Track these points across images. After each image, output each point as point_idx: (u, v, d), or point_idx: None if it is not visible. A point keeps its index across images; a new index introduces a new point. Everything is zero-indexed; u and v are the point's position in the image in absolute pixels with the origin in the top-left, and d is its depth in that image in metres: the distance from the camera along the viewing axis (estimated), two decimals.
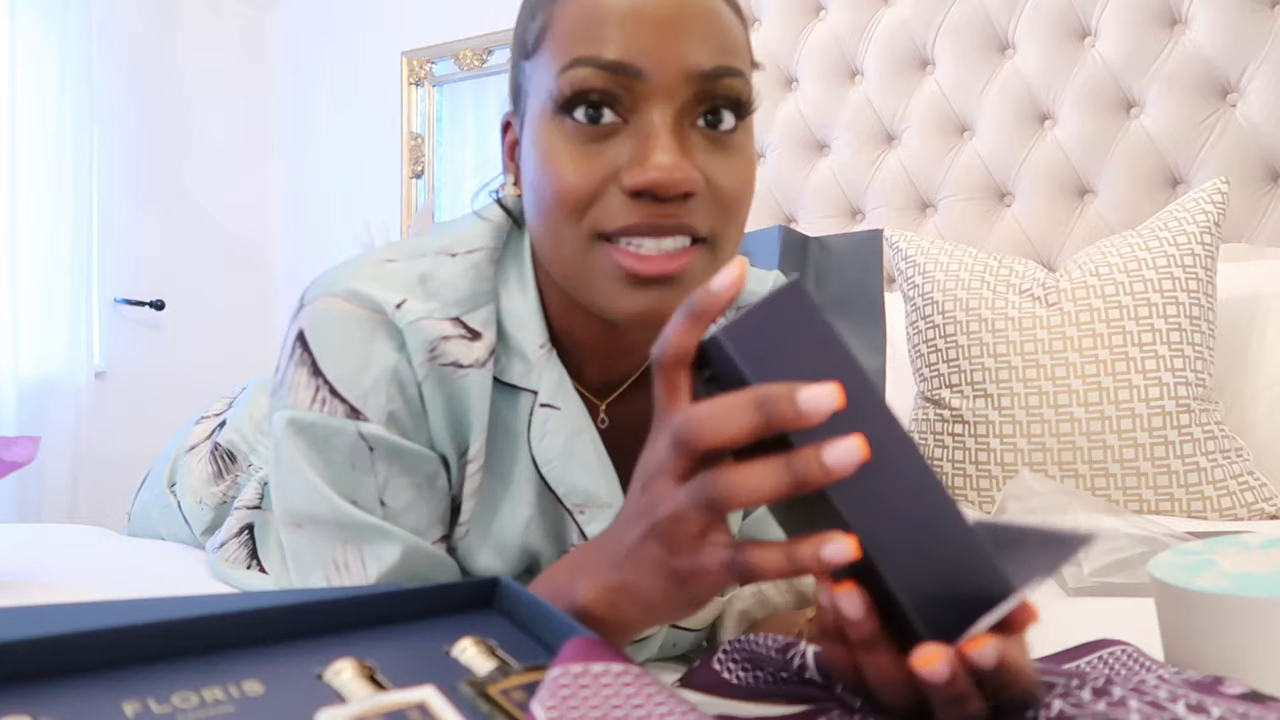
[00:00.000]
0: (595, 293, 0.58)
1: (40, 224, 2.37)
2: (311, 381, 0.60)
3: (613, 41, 0.55)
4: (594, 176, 0.56)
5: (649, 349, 0.69)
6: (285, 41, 3.07)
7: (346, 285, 0.62)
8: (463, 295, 0.62)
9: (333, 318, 0.61)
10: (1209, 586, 0.48)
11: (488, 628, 0.39)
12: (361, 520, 0.60)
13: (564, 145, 0.57)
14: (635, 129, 0.56)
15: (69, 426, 2.40)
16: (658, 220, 0.55)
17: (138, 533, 1.14)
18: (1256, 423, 1.39)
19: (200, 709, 0.33)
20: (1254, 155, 1.62)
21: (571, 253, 0.58)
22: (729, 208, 0.58)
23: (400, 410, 0.61)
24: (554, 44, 0.57)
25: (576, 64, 0.55)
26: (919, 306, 1.54)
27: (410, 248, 0.65)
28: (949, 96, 1.88)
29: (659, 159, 0.54)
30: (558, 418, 0.64)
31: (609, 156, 0.56)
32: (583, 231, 0.57)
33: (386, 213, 2.83)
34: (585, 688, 0.33)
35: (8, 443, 0.87)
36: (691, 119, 0.57)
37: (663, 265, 0.56)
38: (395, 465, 0.61)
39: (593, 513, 0.65)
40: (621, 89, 0.55)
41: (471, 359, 0.61)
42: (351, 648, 0.36)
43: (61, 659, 0.34)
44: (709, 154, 0.57)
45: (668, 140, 0.55)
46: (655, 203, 0.55)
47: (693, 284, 0.58)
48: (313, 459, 0.60)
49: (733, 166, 0.58)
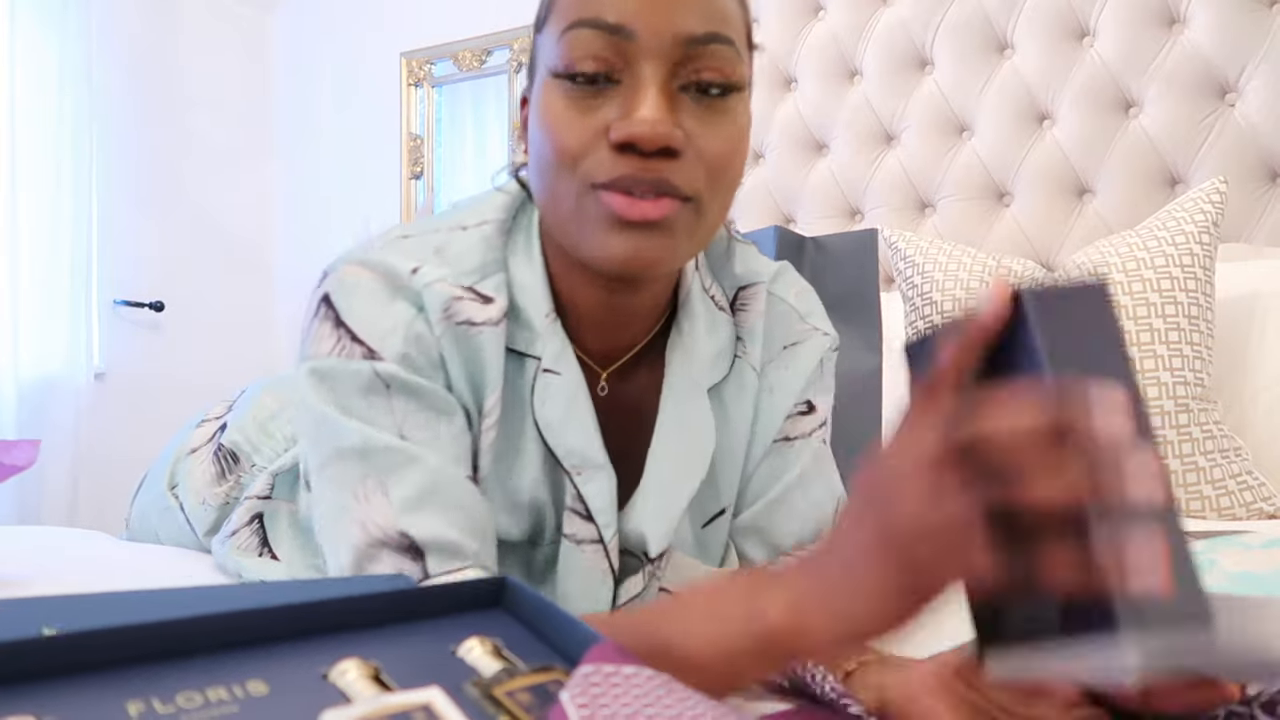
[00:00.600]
0: (586, 241, 0.61)
1: (40, 224, 2.37)
2: (334, 332, 0.64)
3: (609, 6, 0.59)
4: (586, 131, 0.60)
5: (649, 321, 0.71)
6: (285, 41, 3.07)
7: (367, 255, 0.66)
8: (474, 265, 0.67)
9: (356, 280, 0.65)
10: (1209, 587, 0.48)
11: (494, 628, 0.39)
12: (385, 442, 0.61)
13: (562, 104, 0.60)
14: (626, 88, 0.60)
15: (69, 428, 2.40)
16: (639, 174, 0.58)
17: (136, 537, 1.14)
18: (1255, 422, 1.39)
19: (204, 709, 0.33)
20: (1253, 155, 1.62)
21: (566, 203, 0.61)
22: (714, 171, 0.61)
23: (415, 355, 0.64)
24: (557, 13, 0.61)
25: (574, 26, 0.59)
26: (918, 306, 1.54)
27: (424, 224, 0.70)
28: (948, 96, 1.89)
29: (642, 114, 0.58)
30: (558, 383, 0.67)
31: (601, 114, 0.60)
32: (576, 182, 0.60)
33: (386, 213, 2.83)
34: (616, 686, 0.33)
35: (8, 446, 0.87)
36: (682, 83, 0.60)
37: (645, 210, 0.58)
38: (411, 402, 0.63)
39: (588, 474, 0.68)
40: (614, 51, 0.59)
41: (484, 318, 0.65)
42: (357, 648, 0.36)
43: (65, 658, 0.34)
44: (697, 118, 0.60)
45: (654, 97, 0.58)
46: (639, 157, 0.58)
47: (675, 238, 0.61)
48: (332, 400, 0.62)
49: (720, 131, 0.61)
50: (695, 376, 0.72)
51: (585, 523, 0.68)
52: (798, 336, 0.78)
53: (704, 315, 0.74)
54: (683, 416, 0.72)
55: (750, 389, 0.76)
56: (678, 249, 0.62)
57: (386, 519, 0.59)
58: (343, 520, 0.61)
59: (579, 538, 0.69)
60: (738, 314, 0.76)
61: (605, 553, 0.69)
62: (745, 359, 0.75)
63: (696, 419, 0.72)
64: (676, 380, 0.72)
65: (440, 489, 0.61)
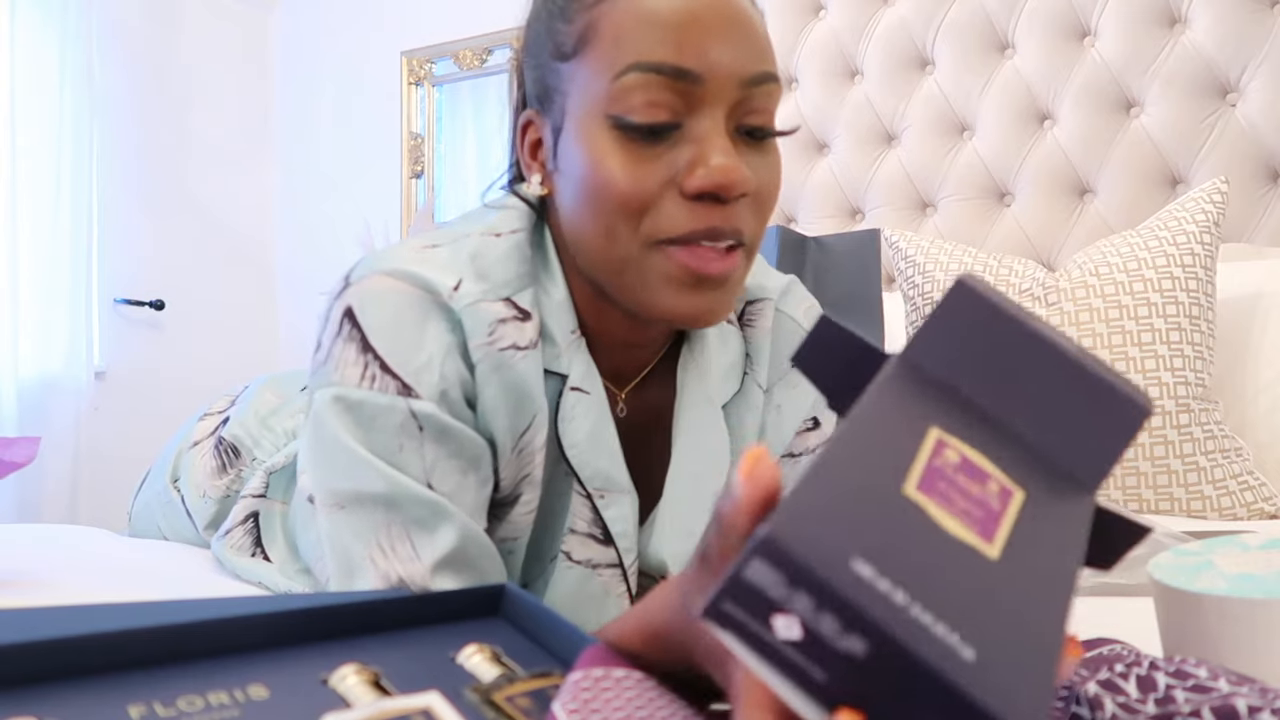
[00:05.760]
0: (648, 295, 0.59)
1: (40, 223, 2.37)
2: (360, 358, 0.59)
3: (672, 48, 0.56)
4: (651, 181, 0.57)
5: (662, 340, 0.71)
6: (285, 41, 3.07)
7: (397, 266, 0.61)
8: (510, 275, 0.63)
9: (385, 295, 0.60)
10: (1209, 588, 0.48)
11: (493, 635, 0.39)
12: (417, 494, 0.57)
13: (619, 150, 0.57)
14: (689, 133, 0.57)
15: (69, 426, 2.40)
16: (718, 225, 0.57)
17: (139, 532, 1.14)
18: (1256, 423, 1.39)
19: (205, 713, 0.33)
20: (1254, 155, 1.62)
21: (626, 256, 0.59)
22: (764, 212, 0.61)
23: (453, 391, 0.60)
24: (602, 48, 0.58)
25: (634, 69, 0.56)
26: (919, 306, 1.54)
27: (449, 233, 0.65)
28: (949, 96, 1.88)
29: (719, 160, 0.56)
30: (586, 402, 0.65)
31: (666, 161, 0.57)
32: (640, 237, 0.58)
33: (386, 213, 2.83)
34: (607, 690, 0.33)
35: (8, 443, 0.87)
36: (737, 124, 0.59)
37: (721, 266, 0.58)
38: (444, 447, 0.59)
39: (612, 497, 0.66)
40: (679, 95, 0.57)
41: (526, 340, 0.62)
42: (357, 653, 0.37)
43: (67, 662, 0.34)
44: (751, 157, 0.59)
45: (724, 143, 0.57)
46: (715, 205, 0.57)
47: (737, 286, 0.60)
48: (360, 437, 0.58)
49: (771, 170, 0.60)
50: (709, 393, 0.71)
51: (603, 547, 0.66)
52: None
53: (714, 330, 0.72)
54: (699, 434, 0.70)
55: (757, 407, 0.75)
56: (735, 296, 0.61)
57: (412, 575, 0.56)
58: (363, 567, 0.57)
59: (595, 562, 0.66)
60: (745, 329, 0.75)
61: (624, 577, 0.67)
62: (752, 376, 0.74)
63: (712, 437, 0.71)
64: (691, 398, 0.70)
65: (468, 549, 0.58)
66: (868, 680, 0.26)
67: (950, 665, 0.25)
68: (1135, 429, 0.33)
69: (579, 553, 0.66)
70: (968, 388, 0.34)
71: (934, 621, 0.26)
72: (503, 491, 0.64)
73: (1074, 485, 0.33)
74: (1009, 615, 0.27)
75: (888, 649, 0.25)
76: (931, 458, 0.31)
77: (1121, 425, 0.33)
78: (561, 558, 0.66)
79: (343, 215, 2.92)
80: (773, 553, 0.26)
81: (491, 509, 0.65)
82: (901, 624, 0.25)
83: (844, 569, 0.26)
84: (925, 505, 0.29)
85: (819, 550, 0.26)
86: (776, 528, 0.26)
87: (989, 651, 0.26)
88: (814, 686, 0.27)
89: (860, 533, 0.27)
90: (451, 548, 0.57)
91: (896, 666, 0.25)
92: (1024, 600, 0.28)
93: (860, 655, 0.26)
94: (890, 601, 0.26)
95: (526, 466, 0.64)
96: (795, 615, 0.27)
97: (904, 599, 0.26)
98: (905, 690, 0.26)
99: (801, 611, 0.26)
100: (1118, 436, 0.33)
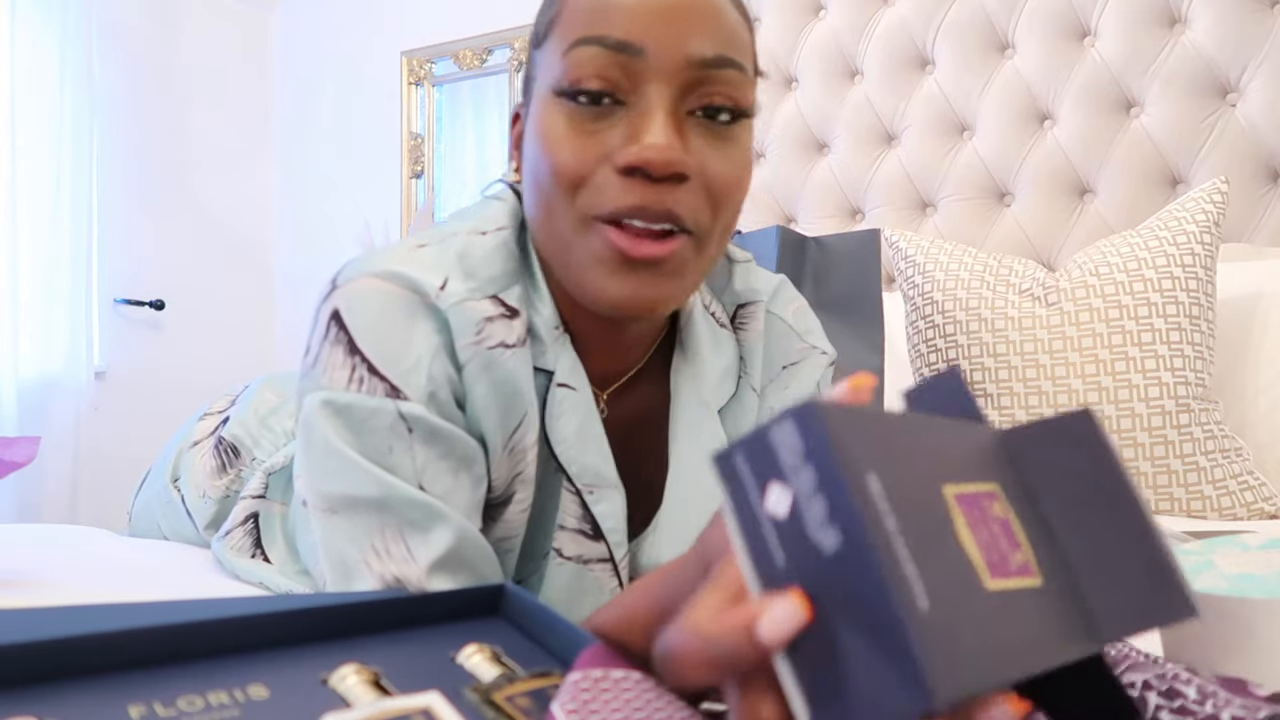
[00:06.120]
0: (584, 276, 0.59)
1: (40, 223, 2.37)
2: (348, 360, 0.58)
3: (617, 24, 0.56)
4: (588, 156, 0.57)
5: (648, 341, 0.70)
6: (285, 41, 3.07)
7: (383, 267, 0.60)
8: (497, 272, 0.63)
9: (371, 297, 0.59)
10: (1208, 588, 0.48)
11: (493, 634, 0.39)
12: (410, 496, 0.57)
13: (563, 125, 0.57)
14: (632, 110, 0.57)
15: (69, 426, 2.40)
16: (647, 203, 0.55)
17: (139, 532, 1.15)
18: (1256, 423, 1.39)
19: (205, 713, 0.33)
20: (1254, 155, 1.62)
21: (564, 234, 0.59)
22: (718, 201, 0.58)
23: (441, 392, 0.59)
24: (561, 29, 0.58)
25: (580, 43, 0.56)
26: (919, 306, 1.54)
27: (436, 232, 0.65)
28: (949, 96, 1.88)
29: (652, 138, 0.55)
30: (573, 398, 0.64)
31: (604, 137, 0.57)
32: (576, 212, 0.58)
33: (386, 213, 2.83)
34: (606, 691, 0.33)
35: (8, 443, 0.87)
36: (690, 107, 0.57)
37: (651, 248, 0.56)
38: (434, 449, 0.58)
39: (601, 493, 0.65)
40: (621, 70, 0.56)
41: (515, 338, 0.62)
42: (357, 653, 0.37)
43: (67, 662, 0.34)
44: (704, 144, 0.58)
45: (663, 120, 0.55)
46: (646, 183, 0.55)
47: (677, 277, 0.58)
48: (350, 440, 0.57)
49: (727, 159, 0.58)
50: (704, 398, 0.71)
51: (593, 543, 0.66)
52: (797, 356, 0.76)
53: (707, 335, 0.72)
54: (697, 441, 0.70)
55: (751, 410, 0.74)
56: (679, 288, 0.59)
57: (408, 577, 0.55)
58: (358, 572, 0.57)
59: (586, 558, 0.66)
60: (738, 332, 0.75)
61: (615, 571, 0.67)
62: (747, 379, 0.74)
63: (711, 444, 0.70)
64: (686, 404, 0.70)
65: (463, 549, 0.58)
66: (819, 582, 0.26)
67: (904, 599, 0.25)
68: (1172, 620, 0.32)
69: (570, 549, 0.66)
70: (1043, 493, 0.33)
71: (909, 560, 0.26)
72: (496, 491, 0.64)
73: (1087, 626, 0.32)
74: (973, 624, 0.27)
75: (856, 554, 0.25)
76: (982, 495, 0.31)
77: (1160, 609, 0.32)
78: (553, 555, 0.66)
79: (343, 215, 2.92)
80: (806, 420, 0.26)
81: (486, 510, 0.64)
82: (881, 540, 0.25)
83: (859, 470, 0.26)
84: (953, 510, 0.29)
85: (847, 443, 0.26)
86: (823, 404, 0.27)
87: (942, 617, 0.26)
88: (770, 570, 0.27)
89: (889, 468, 0.27)
90: (446, 549, 0.57)
91: (854, 576, 0.25)
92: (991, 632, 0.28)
93: (827, 552, 0.26)
94: (881, 519, 0.26)
95: (519, 465, 0.63)
96: (791, 490, 0.27)
97: (895, 527, 0.26)
98: (848, 606, 0.26)
99: (798, 487, 0.27)
100: (1150, 617, 0.32)
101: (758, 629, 0.27)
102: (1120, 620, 0.32)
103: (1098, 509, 0.33)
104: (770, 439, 0.27)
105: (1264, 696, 0.40)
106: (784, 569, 0.27)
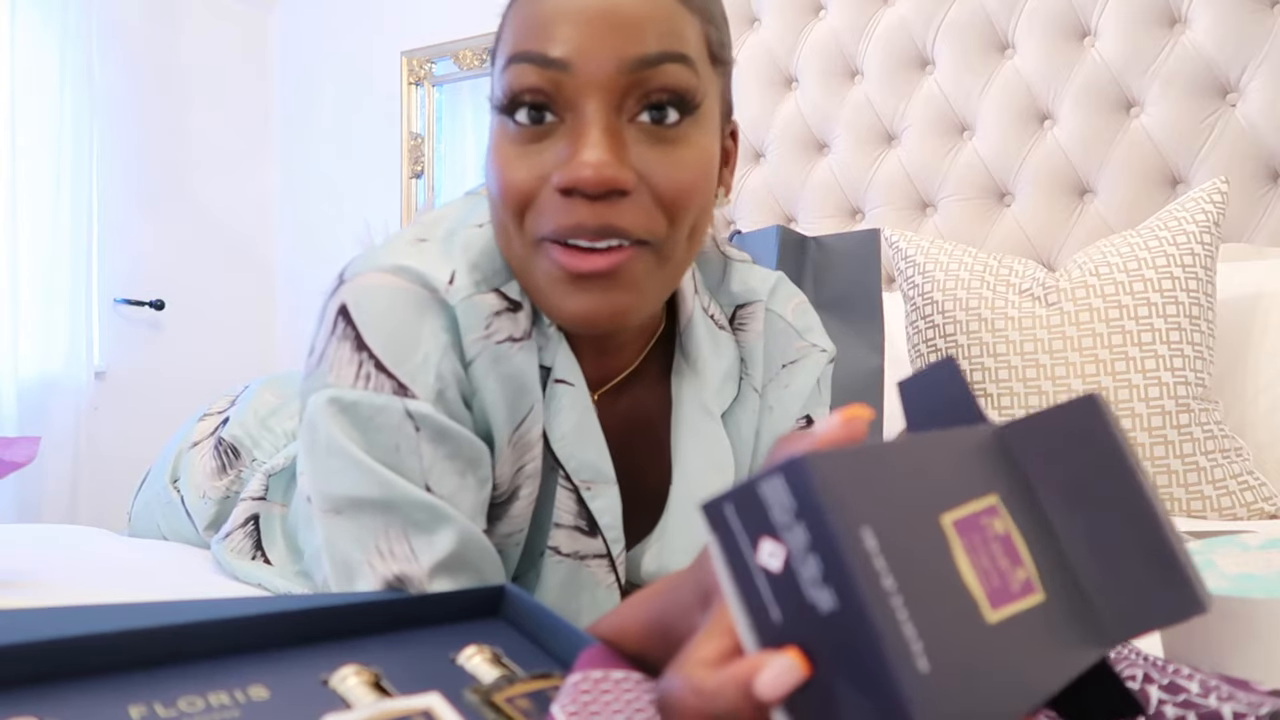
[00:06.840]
0: (542, 295, 0.58)
1: (40, 223, 2.37)
2: (355, 357, 0.57)
3: (545, 38, 0.55)
4: (530, 177, 0.56)
5: (640, 342, 0.69)
6: (285, 41, 3.07)
7: (391, 261, 0.60)
8: (498, 265, 0.62)
9: (379, 292, 0.58)
10: (1209, 588, 0.48)
11: (494, 636, 0.39)
12: (415, 497, 0.56)
13: (507, 146, 0.57)
14: (569, 127, 0.56)
15: (69, 426, 2.40)
16: (585, 221, 0.54)
17: (139, 532, 1.14)
18: (1256, 423, 1.39)
19: (206, 713, 0.33)
20: (1254, 155, 1.62)
21: (519, 254, 0.58)
22: (673, 207, 0.56)
23: (450, 391, 0.59)
24: (502, 46, 0.58)
25: (513, 60, 0.56)
26: (919, 306, 1.54)
27: (435, 228, 0.64)
28: (949, 96, 1.88)
29: (586, 155, 0.53)
30: (571, 394, 0.64)
31: (545, 157, 0.56)
32: (526, 234, 0.57)
33: (386, 213, 2.83)
34: (606, 692, 0.33)
35: (8, 443, 0.87)
36: (631, 114, 0.56)
37: (594, 261, 0.55)
38: (441, 448, 0.58)
39: (598, 488, 0.65)
40: (555, 85, 0.55)
41: (520, 331, 0.61)
42: (357, 654, 0.37)
43: (68, 662, 0.34)
44: (649, 150, 0.56)
45: (597, 136, 0.54)
46: (585, 201, 0.54)
47: (635, 286, 0.57)
48: (356, 439, 0.57)
49: (675, 163, 0.56)
50: (706, 402, 0.70)
51: (589, 539, 0.66)
52: (796, 354, 0.76)
53: (707, 338, 0.71)
54: (700, 446, 0.69)
55: (753, 410, 0.74)
56: (638, 299, 0.57)
57: (410, 576, 0.55)
58: (361, 573, 0.56)
59: (582, 554, 0.66)
60: (738, 333, 0.74)
61: (612, 567, 0.67)
62: (748, 381, 0.74)
63: (715, 447, 0.70)
64: (688, 409, 0.69)
65: (467, 552, 0.57)
66: (815, 639, 0.26)
67: (901, 664, 0.25)
68: (1180, 617, 0.31)
69: (567, 546, 0.66)
70: (1045, 490, 0.33)
71: (907, 621, 0.26)
72: (500, 489, 0.64)
73: (1094, 631, 0.32)
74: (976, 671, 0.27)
75: (852, 617, 0.25)
76: (981, 513, 0.31)
77: (1169, 606, 0.32)
78: (550, 552, 0.66)
79: (343, 215, 2.92)
80: (796, 476, 0.26)
81: (490, 508, 0.64)
82: (878, 601, 0.25)
83: (852, 527, 0.26)
84: (952, 541, 0.29)
85: (839, 499, 0.26)
86: (812, 458, 0.26)
87: (942, 679, 0.25)
88: (766, 624, 0.27)
89: (883, 514, 0.27)
90: (450, 551, 0.56)
91: (850, 638, 0.25)
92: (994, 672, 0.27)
93: (823, 611, 0.26)
94: (878, 579, 0.26)
95: (524, 458, 0.63)
96: (784, 546, 0.26)
97: (891, 586, 0.26)
98: (845, 667, 0.25)
99: (792, 544, 0.26)
100: (1160, 614, 0.32)
101: (756, 686, 0.27)
102: (1127, 620, 0.32)
103: (1102, 500, 0.33)
104: (760, 493, 0.27)
105: (1266, 691, 0.40)
106: (780, 624, 0.27)
